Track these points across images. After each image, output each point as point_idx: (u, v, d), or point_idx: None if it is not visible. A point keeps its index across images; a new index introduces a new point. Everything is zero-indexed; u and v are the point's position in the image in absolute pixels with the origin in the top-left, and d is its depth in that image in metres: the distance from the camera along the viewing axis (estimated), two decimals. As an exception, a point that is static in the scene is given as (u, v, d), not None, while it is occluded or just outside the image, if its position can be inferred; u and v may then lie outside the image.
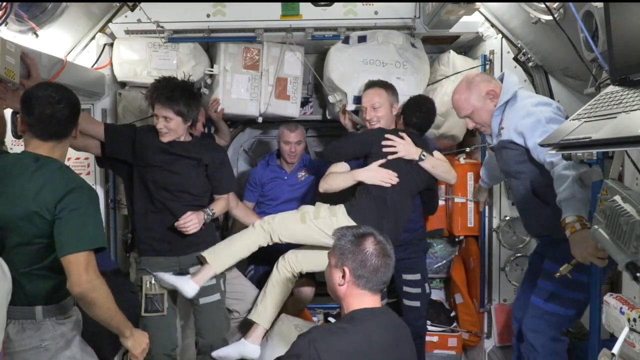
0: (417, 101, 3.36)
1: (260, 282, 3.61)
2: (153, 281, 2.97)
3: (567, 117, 2.31)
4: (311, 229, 3.05)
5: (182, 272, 3.03)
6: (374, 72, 3.52)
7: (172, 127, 2.89)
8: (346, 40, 3.58)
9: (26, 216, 2.00)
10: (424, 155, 3.12)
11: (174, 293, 3.07)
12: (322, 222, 3.03)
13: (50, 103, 2.07)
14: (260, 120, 3.80)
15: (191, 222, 2.87)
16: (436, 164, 3.19)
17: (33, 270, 2.05)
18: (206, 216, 2.96)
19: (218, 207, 3.06)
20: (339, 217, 3.04)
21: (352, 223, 2.91)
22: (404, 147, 3.10)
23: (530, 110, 2.52)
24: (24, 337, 2.04)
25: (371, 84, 3.36)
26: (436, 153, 3.30)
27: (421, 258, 3.48)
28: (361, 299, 1.96)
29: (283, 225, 3.11)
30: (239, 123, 4.42)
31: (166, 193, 2.95)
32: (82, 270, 1.97)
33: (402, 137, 3.12)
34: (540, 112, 2.48)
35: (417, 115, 3.30)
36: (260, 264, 3.76)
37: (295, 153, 3.80)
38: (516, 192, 2.78)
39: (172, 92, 2.86)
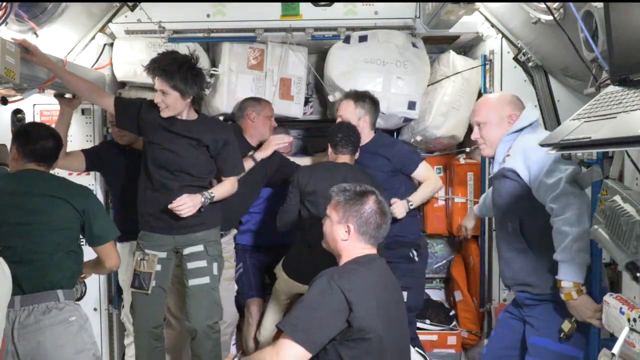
0: (335, 125, 3.25)
1: (249, 279, 3.72)
2: (143, 258, 2.95)
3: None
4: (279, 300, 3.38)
5: (177, 251, 3.00)
6: (375, 71, 3.53)
7: (169, 102, 2.83)
8: (347, 40, 3.58)
9: (58, 199, 2.50)
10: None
11: (175, 272, 3.08)
12: (279, 290, 3.33)
13: (44, 138, 2.60)
14: None
15: (185, 205, 2.79)
16: (411, 201, 3.28)
17: (59, 255, 2.48)
18: (204, 199, 2.85)
19: (220, 190, 2.96)
20: (280, 276, 3.26)
21: (286, 277, 3.17)
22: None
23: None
24: (51, 315, 2.42)
25: (344, 95, 3.40)
26: (422, 166, 3.34)
27: (400, 264, 3.23)
28: (363, 250, 2.14)
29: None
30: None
31: (165, 172, 2.91)
32: (115, 253, 2.69)
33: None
34: None
35: (339, 136, 3.14)
36: (250, 258, 3.80)
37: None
38: (502, 231, 2.56)
39: (169, 65, 2.80)
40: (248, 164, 3.29)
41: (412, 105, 3.59)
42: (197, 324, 2.94)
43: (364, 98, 3.34)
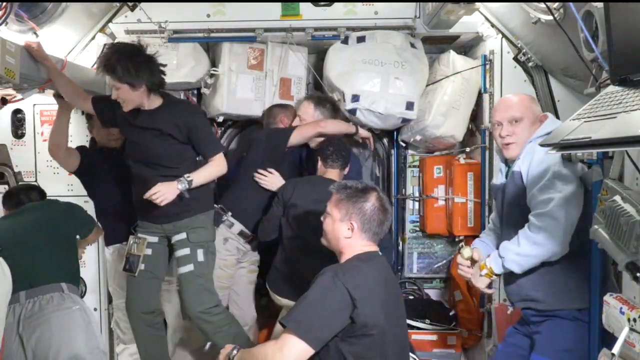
0: (326, 140, 3.25)
1: None
2: (135, 241, 3.02)
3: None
4: None
5: (167, 237, 3.03)
6: (373, 71, 3.53)
7: (123, 96, 2.79)
8: (345, 41, 3.58)
9: (51, 209, 2.99)
10: None
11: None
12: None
13: (27, 190, 3.08)
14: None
15: (159, 193, 2.75)
16: None
17: (59, 252, 2.81)
18: (181, 185, 2.79)
19: (202, 173, 2.88)
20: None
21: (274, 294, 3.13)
22: None
23: (545, 157, 2.27)
24: (54, 304, 2.63)
25: (306, 97, 3.51)
26: None
27: None
28: (364, 247, 2.14)
29: None
30: (240, 123, 4.40)
31: (139, 164, 2.94)
32: (99, 227, 3.23)
33: None
34: (553, 164, 2.25)
35: (330, 149, 3.13)
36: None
37: None
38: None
39: (109, 59, 2.76)
40: (350, 128, 3.43)
41: (410, 106, 3.59)
42: (190, 311, 2.98)
43: (325, 103, 3.38)
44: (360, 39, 3.57)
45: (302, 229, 2.98)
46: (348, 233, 2.13)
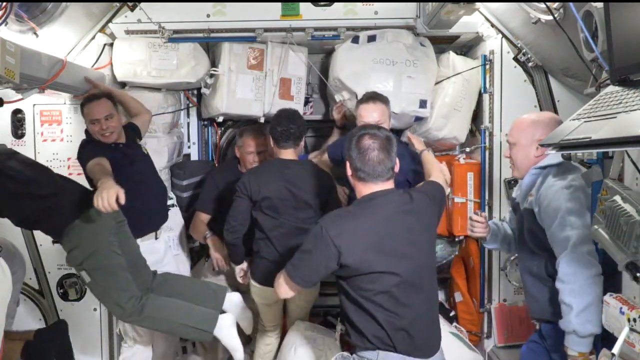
0: (286, 113, 3.09)
1: None
2: None
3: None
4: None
5: None
6: (385, 71, 3.52)
7: None
8: (355, 40, 3.57)
9: None
10: None
11: None
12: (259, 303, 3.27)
13: None
14: (262, 120, 3.81)
15: None
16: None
17: None
18: None
19: None
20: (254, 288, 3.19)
21: (257, 285, 3.14)
22: None
23: (554, 196, 2.31)
24: None
25: (370, 98, 3.11)
26: None
27: None
28: (368, 186, 2.24)
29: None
30: (240, 123, 4.41)
31: None
32: None
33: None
34: (564, 201, 2.27)
35: (278, 129, 3.01)
36: None
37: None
38: (527, 267, 2.50)
39: None
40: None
41: (423, 104, 3.59)
42: None
43: (386, 97, 3.18)
44: (371, 39, 3.55)
45: (282, 216, 3.01)
46: (348, 171, 2.27)
